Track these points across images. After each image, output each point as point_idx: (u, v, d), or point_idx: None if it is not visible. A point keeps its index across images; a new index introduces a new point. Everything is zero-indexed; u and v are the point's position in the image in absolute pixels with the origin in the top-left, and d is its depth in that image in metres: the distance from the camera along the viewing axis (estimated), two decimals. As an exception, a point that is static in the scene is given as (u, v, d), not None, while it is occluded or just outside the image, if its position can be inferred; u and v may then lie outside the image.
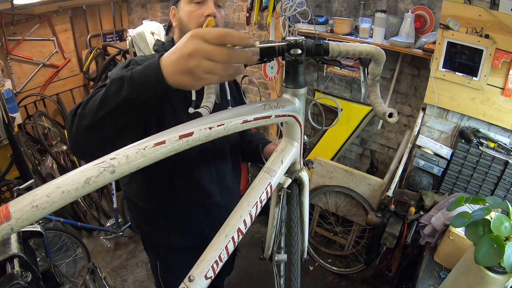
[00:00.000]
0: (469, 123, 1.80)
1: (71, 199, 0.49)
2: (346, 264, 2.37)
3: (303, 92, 0.83)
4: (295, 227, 0.99)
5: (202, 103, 0.86)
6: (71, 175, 0.51)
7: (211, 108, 0.86)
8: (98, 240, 2.48)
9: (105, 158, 0.53)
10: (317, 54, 0.77)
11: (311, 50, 0.77)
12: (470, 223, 1.02)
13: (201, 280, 0.67)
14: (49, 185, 0.49)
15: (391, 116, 0.76)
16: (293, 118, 0.83)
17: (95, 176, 0.51)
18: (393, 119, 0.76)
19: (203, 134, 0.63)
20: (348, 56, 0.78)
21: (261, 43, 0.72)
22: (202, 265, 0.69)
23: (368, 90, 0.83)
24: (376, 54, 0.76)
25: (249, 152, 1.23)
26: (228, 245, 0.71)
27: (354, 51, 0.76)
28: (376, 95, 0.82)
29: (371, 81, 0.82)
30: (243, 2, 2.78)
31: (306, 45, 0.76)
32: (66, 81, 3.15)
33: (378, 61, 0.78)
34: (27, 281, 0.98)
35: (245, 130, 0.84)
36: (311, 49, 0.77)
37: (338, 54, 0.77)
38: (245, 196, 0.78)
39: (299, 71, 0.80)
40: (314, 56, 0.78)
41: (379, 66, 0.78)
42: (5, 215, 0.45)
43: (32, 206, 0.47)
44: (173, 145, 0.59)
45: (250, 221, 0.76)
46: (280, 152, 0.88)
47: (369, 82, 0.82)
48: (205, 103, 0.86)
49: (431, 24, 1.93)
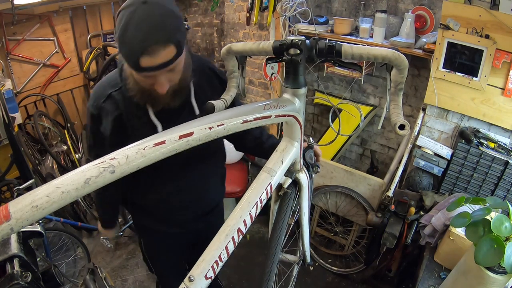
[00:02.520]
0: (469, 123, 1.79)
1: (71, 199, 0.49)
2: (346, 264, 2.37)
3: (303, 92, 0.83)
4: (278, 230, 0.98)
5: (221, 96, 0.87)
6: (71, 175, 0.51)
7: (229, 102, 0.86)
8: (98, 240, 2.48)
9: (105, 158, 0.53)
10: (329, 55, 0.75)
11: (323, 51, 0.75)
12: (470, 223, 1.02)
13: (201, 280, 0.67)
14: (49, 185, 0.49)
15: (402, 128, 0.71)
16: (293, 118, 0.84)
17: (95, 176, 0.51)
18: (404, 131, 0.71)
19: (203, 134, 0.63)
20: (362, 60, 0.74)
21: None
22: (202, 265, 0.69)
23: (390, 99, 0.77)
24: (394, 60, 0.69)
25: (260, 151, 1.21)
26: (228, 245, 0.71)
27: (368, 54, 0.72)
28: (396, 105, 0.75)
29: (394, 89, 0.75)
30: (243, 2, 2.78)
31: (318, 45, 0.75)
32: (66, 81, 3.15)
33: (398, 67, 0.71)
34: (27, 281, 0.98)
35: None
36: (323, 50, 0.75)
37: (351, 57, 0.73)
38: (245, 196, 0.78)
39: (299, 71, 0.80)
40: (327, 56, 0.76)
41: (401, 73, 0.71)
42: (5, 215, 0.45)
43: (32, 206, 0.47)
44: (173, 145, 0.59)
45: (250, 221, 0.76)
46: (280, 152, 0.88)
47: (392, 90, 0.75)
48: (224, 96, 0.87)
49: (431, 24, 1.92)
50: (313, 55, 0.77)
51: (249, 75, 3.01)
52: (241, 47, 0.85)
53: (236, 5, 2.87)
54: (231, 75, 0.91)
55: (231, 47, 0.86)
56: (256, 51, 0.82)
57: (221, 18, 3.09)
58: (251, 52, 0.84)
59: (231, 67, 0.90)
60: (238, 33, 2.98)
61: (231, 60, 0.89)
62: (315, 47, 0.76)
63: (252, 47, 0.82)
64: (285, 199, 0.95)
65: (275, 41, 0.78)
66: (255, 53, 0.84)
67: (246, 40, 2.91)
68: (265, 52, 0.81)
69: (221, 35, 3.18)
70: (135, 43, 0.74)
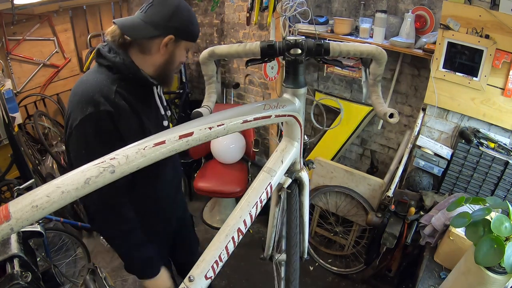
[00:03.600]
0: (469, 123, 1.79)
1: (71, 199, 0.49)
2: (346, 264, 2.37)
3: (303, 92, 0.83)
4: (294, 228, 0.99)
5: (203, 103, 0.87)
6: (71, 175, 0.51)
7: (212, 108, 0.86)
8: (98, 240, 2.48)
9: (105, 158, 0.53)
10: (318, 54, 0.77)
11: (311, 50, 0.77)
12: (470, 223, 1.02)
13: (201, 280, 0.67)
14: (49, 185, 0.49)
15: (391, 117, 0.76)
16: (293, 118, 0.84)
17: (95, 176, 0.51)
18: (394, 119, 0.76)
19: (203, 134, 0.63)
20: (349, 56, 0.78)
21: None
22: (202, 265, 0.69)
23: (370, 91, 0.83)
24: (378, 54, 0.76)
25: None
26: (228, 245, 0.71)
27: (355, 51, 0.77)
28: (378, 96, 0.82)
29: (373, 81, 0.82)
30: (243, 2, 2.78)
31: (306, 45, 0.76)
32: (66, 81, 3.15)
33: (379, 61, 0.78)
34: (27, 281, 0.98)
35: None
36: (311, 49, 0.77)
37: (339, 54, 0.77)
38: (245, 196, 0.78)
39: (299, 71, 0.80)
40: (315, 56, 0.78)
41: (381, 66, 0.79)
42: (5, 215, 0.45)
43: (32, 206, 0.47)
44: (173, 145, 0.59)
45: (250, 221, 0.76)
46: (280, 152, 0.88)
47: (370, 82, 0.82)
48: (206, 103, 0.87)
49: (431, 24, 1.92)
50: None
51: (249, 75, 3.01)
52: (226, 50, 0.82)
53: (236, 5, 2.87)
54: (209, 80, 0.89)
55: (214, 51, 0.83)
56: (243, 53, 0.81)
57: (221, 18, 3.09)
58: (236, 55, 0.82)
59: (210, 72, 0.88)
60: (238, 33, 2.99)
61: (210, 65, 0.87)
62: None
63: (238, 49, 0.81)
64: (291, 199, 0.97)
65: (262, 42, 0.78)
66: (241, 55, 0.82)
67: (247, 40, 2.91)
68: (252, 54, 0.80)
69: (221, 35, 3.18)
70: (196, 23, 1.02)
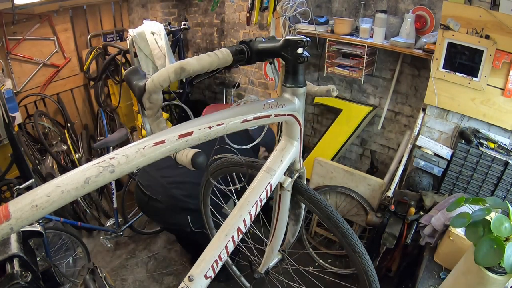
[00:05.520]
0: (469, 124, 1.79)
1: (70, 198, 0.49)
2: (346, 264, 2.37)
3: (302, 91, 0.83)
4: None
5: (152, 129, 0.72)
6: (70, 175, 0.51)
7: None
8: (98, 240, 2.48)
9: (105, 158, 0.53)
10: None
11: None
12: (470, 223, 1.02)
13: (201, 279, 0.67)
14: (49, 185, 0.49)
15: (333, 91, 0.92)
16: (292, 118, 0.83)
17: (95, 175, 0.51)
18: (335, 92, 0.92)
19: (203, 133, 0.63)
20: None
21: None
22: (202, 264, 0.69)
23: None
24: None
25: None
26: (228, 245, 0.71)
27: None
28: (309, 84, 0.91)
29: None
30: (243, 2, 2.78)
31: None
32: (66, 80, 3.15)
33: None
34: (27, 281, 0.98)
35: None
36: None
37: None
38: (245, 196, 0.78)
39: (299, 70, 0.80)
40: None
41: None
42: (5, 215, 0.45)
43: (31, 206, 0.47)
44: (173, 144, 0.59)
45: (250, 220, 0.76)
46: (280, 152, 0.88)
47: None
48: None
49: (432, 25, 1.92)
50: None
51: (249, 75, 3.01)
52: (198, 65, 0.64)
53: (236, 5, 2.87)
54: (158, 113, 0.67)
55: (184, 68, 0.62)
56: (217, 64, 0.67)
57: (221, 18, 3.09)
58: (211, 67, 0.67)
59: (160, 102, 0.66)
60: (238, 33, 2.99)
61: (161, 93, 0.65)
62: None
63: (212, 60, 0.66)
64: (295, 197, 0.99)
65: (230, 47, 0.69)
66: (214, 67, 0.67)
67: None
68: (226, 62, 0.69)
69: (221, 35, 3.18)
70: None
